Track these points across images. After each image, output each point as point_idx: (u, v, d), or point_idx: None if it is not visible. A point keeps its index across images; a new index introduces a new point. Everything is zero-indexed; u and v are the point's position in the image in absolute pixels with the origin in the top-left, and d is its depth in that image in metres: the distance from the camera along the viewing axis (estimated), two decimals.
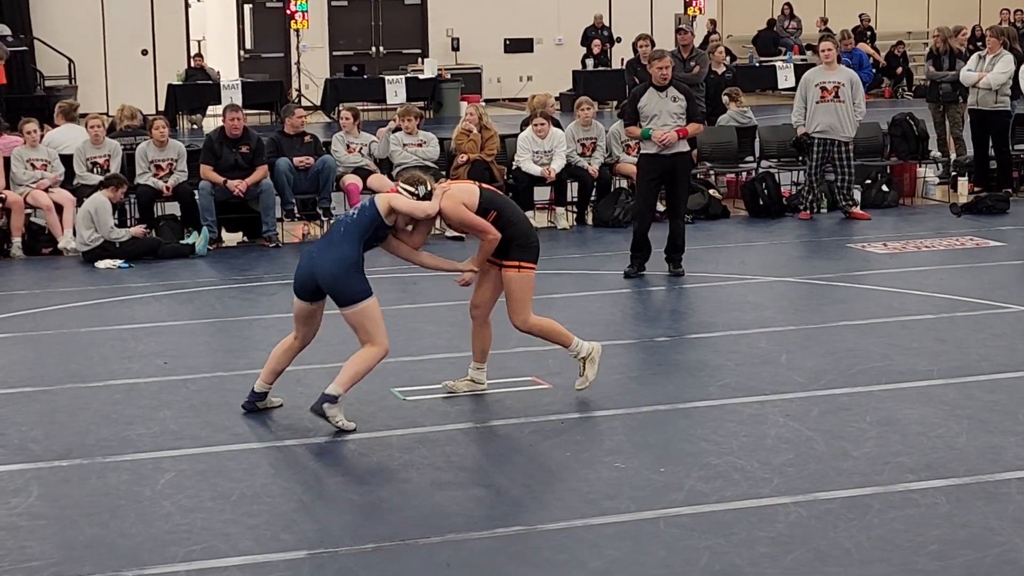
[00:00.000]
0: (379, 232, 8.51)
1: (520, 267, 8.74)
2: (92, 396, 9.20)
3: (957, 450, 7.77)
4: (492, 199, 8.78)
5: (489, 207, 8.68)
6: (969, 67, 17.38)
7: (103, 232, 13.96)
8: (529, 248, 8.77)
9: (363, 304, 8.32)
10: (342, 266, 8.30)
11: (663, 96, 12.83)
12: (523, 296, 8.76)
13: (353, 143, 15.83)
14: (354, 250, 8.35)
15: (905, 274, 12.82)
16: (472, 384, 9.09)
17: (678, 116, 12.77)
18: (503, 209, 8.77)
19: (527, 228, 8.90)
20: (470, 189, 8.80)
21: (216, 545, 6.55)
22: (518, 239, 8.73)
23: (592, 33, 33.18)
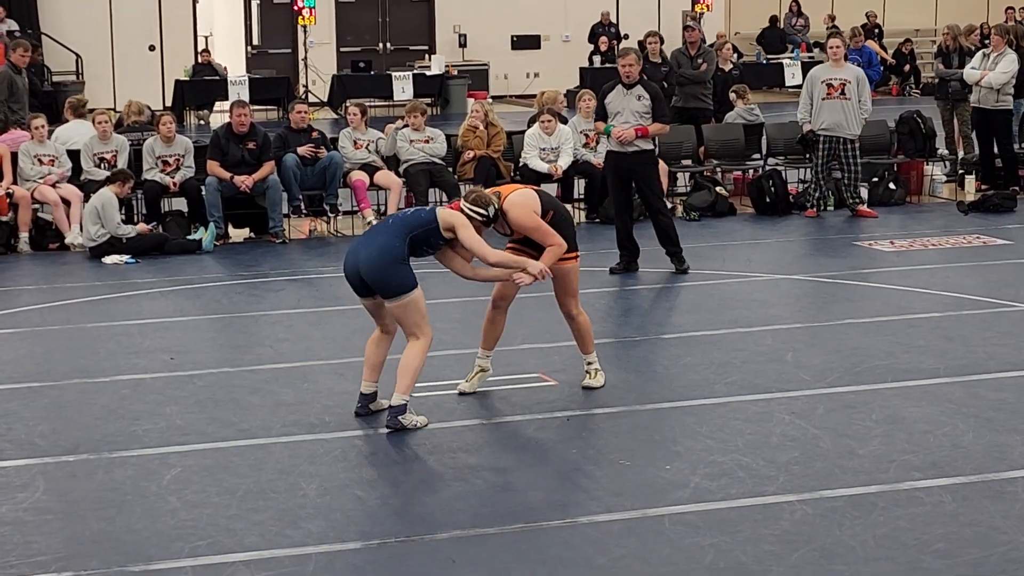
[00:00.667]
0: (431, 238, 8.29)
1: (568, 258, 8.79)
2: (99, 391, 9.21)
3: (963, 448, 7.77)
4: (549, 199, 8.92)
5: (548, 207, 8.78)
6: (973, 65, 17.37)
7: (110, 228, 13.97)
8: (573, 239, 8.88)
9: (410, 296, 8.18)
10: (384, 256, 8.13)
11: (628, 94, 12.80)
12: (575, 283, 8.94)
13: (360, 139, 15.83)
14: (399, 242, 8.16)
15: (912, 272, 12.81)
16: (483, 374, 9.07)
17: (641, 115, 12.72)
18: (558, 209, 8.94)
19: (571, 221, 9.16)
20: (531, 194, 8.80)
21: (222, 541, 6.56)
22: (564, 232, 8.79)
23: (599, 30, 33.16)
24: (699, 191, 16.56)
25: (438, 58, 31.31)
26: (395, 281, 8.15)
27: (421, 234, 8.25)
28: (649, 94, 12.87)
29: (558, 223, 8.76)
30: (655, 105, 12.86)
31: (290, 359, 9.99)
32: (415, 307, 8.21)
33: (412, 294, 8.19)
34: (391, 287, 8.16)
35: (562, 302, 9.00)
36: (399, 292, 8.16)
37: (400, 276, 8.15)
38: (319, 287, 12.79)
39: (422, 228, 8.25)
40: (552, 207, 8.84)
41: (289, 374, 9.56)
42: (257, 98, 28.03)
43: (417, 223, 8.28)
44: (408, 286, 8.16)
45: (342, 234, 15.49)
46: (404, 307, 8.20)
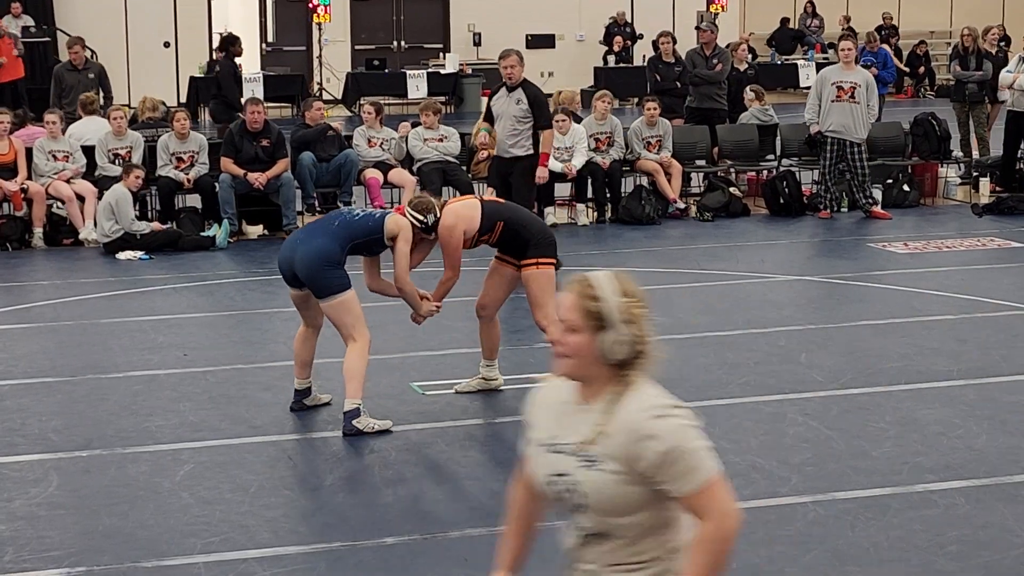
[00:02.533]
0: (373, 247, 8.45)
1: (538, 264, 8.67)
2: (112, 387, 9.23)
3: (977, 451, 7.75)
4: (496, 209, 8.77)
5: (495, 218, 8.63)
6: (1009, 68, 17.34)
7: (124, 224, 13.99)
8: (545, 244, 8.71)
9: (341, 297, 8.23)
10: (319, 258, 8.20)
11: (509, 97, 12.56)
12: (542, 293, 8.66)
13: (374, 137, 15.83)
14: (338, 248, 8.26)
15: (926, 274, 12.79)
16: (484, 382, 9.04)
17: (519, 119, 12.49)
18: (510, 216, 8.73)
19: (540, 226, 8.90)
20: (468, 207, 8.71)
21: (234, 537, 6.57)
22: (533, 237, 8.67)
23: (614, 30, 33.14)
24: (713, 191, 16.54)
25: (452, 56, 31.30)
26: (327, 283, 8.22)
27: (363, 243, 8.40)
28: (528, 98, 12.52)
29: (515, 231, 8.62)
30: (534, 110, 12.50)
31: None
32: (346, 308, 8.26)
33: (343, 295, 8.24)
34: (323, 288, 8.24)
35: (533, 314, 8.82)
36: (330, 293, 8.22)
37: (332, 278, 8.22)
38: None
39: (365, 237, 8.37)
40: (503, 218, 8.65)
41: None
42: (271, 95, 28.04)
43: (362, 232, 8.37)
44: (340, 287, 8.23)
45: None
46: (336, 308, 8.26)
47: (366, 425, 8.21)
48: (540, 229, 8.83)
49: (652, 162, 16.28)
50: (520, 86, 12.59)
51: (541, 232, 8.78)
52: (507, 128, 12.58)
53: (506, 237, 8.67)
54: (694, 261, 13.54)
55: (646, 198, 15.91)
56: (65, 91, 17.80)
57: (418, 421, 8.42)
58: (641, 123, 16.49)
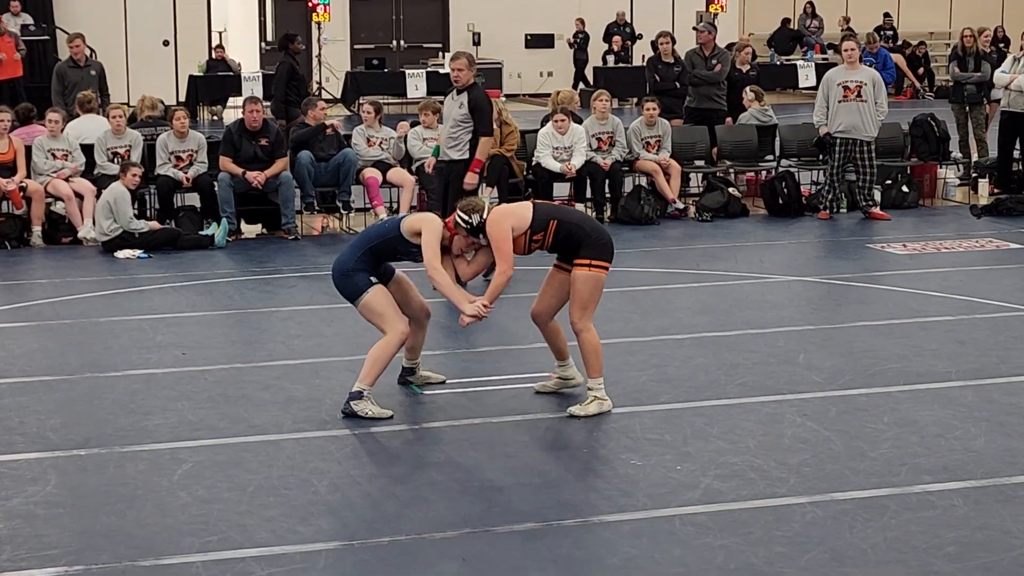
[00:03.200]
0: (398, 247, 8.53)
1: (591, 265, 8.44)
2: (110, 386, 9.22)
3: (975, 452, 7.75)
4: (547, 209, 8.66)
5: (547, 217, 8.47)
6: (1003, 68, 17.35)
7: (122, 223, 13.99)
8: (601, 246, 8.48)
9: (364, 299, 8.52)
10: (337, 269, 8.66)
11: (454, 99, 12.44)
12: (589, 294, 8.47)
13: (374, 137, 15.83)
14: (352, 255, 8.57)
15: (924, 275, 12.79)
16: (561, 382, 8.96)
17: (460, 122, 12.37)
18: (563, 215, 8.60)
19: (596, 226, 8.70)
20: (517, 208, 8.57)
21: (232, 536, 6.57)
22: (589, 238, 8.45)
23: (614, 29, 33.16)
24: (712, 192, 16.55)
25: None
26: (347, 290, 8.62)
27: (380, 244, 8.58)
28: (470, 103, 12.37)
29: (569, 230, 8.44)
30: (474, 115, 12.36)
31: (302, 355, 10.00)
32: (370, 308, 8.54)
33: (364, 297, 8.52)
34: (348, 295, 8.64)
35: (570, 311, 8.61)
36: (355, 297, 8.58)
37: (349, 285, 8.58)
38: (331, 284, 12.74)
39: (381, 239, 8.58)
40: (555, 216, 8.51)
41: (301, 370, 9.56)
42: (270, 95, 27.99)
43: (377, 234, 8.64)
44: (359, 291, 8.53)
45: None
46: (363, 310, 8.61)
47: (362, 410, 8.38)
48: (596, 228, 8.61)
49: (651, 162, 16.28)
50: (466, 90, 12.43)
51: (597, 232, 8.55)
52: (447, 131, 12.50)
53: (560, 236, 8.45)
54: (693, 261, 13.54)
55: (645, 198, 15.91)
56: (68, 88, 17.77)
57: (416, 421, 8.42)
58: (640, 123, 16.50)
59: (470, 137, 12.45)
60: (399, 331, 8.49)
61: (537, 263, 9.67)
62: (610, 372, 9.32)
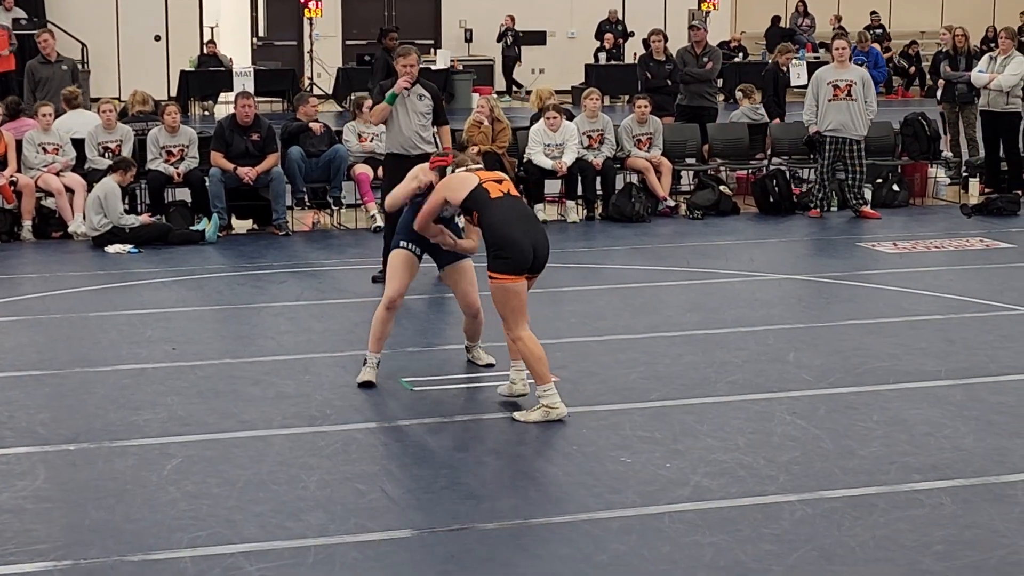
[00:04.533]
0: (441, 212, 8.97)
1: (491, 276, 8.30)
2: (100, 381, 9.22)
3: (964, 451, 7.77)
4: (479, 198, 8.38)
5: (473, 207, 8.40)
6: (980, 68, 17.36)
7: (112, 218, 13.97)
8: (498, 258, 8.26)
9: (391, 253, 9.23)
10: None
11: (410, 94, 12.35)
12: (500, 307, 8.33)
13: (364, 133, 15.83)
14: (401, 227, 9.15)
15: (914, 274, 12.81)
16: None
17: (424, 115, 12.36)
18: (485, 210, 8.35)
19: (503, 235, 8.28)
20: (469, 181, 8.50)
21: (221, 532, 6.56)
22: (490, 248, 8.32)
23: (606, 27, 33.16)
24: (703, 190, 16.55)
25: (444, 53, 31.26)
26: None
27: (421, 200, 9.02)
28: (430, 94, 12.44)
29: (483, 228, 8.36)
30: (436, 105, 12.45)
31: (292, 351, 10.00)
32: (391, 262, 9.20)
33: (392, 253, 9.20)
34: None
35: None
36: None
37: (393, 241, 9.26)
38: (322, 279, 12.79)
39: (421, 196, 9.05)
40: (478, 207, 8.37)
41: (291, 366, 9.56)
42: (262, 90, 27.97)
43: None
44: (392, 247, 9.25)
45: (345, 227, 15.49)
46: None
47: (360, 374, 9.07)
48: (499, 237, 8.28)
49: (642, 160, 16.29)
50: (417, 82, 12.39)
51: (497, 242, 8.28)
52: (415, 126, 12.29)
53: (481, 228, 8.43)
54: (683, 259, 13.55)
55: (636, 196, 15.92)
56: (39, 84, 17.51)
57: (406, 417, 8.42)
58: (631, 121, 16.50)
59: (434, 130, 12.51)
60: (387, 294, 9.04)
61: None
62: (600, 369, 9.34)
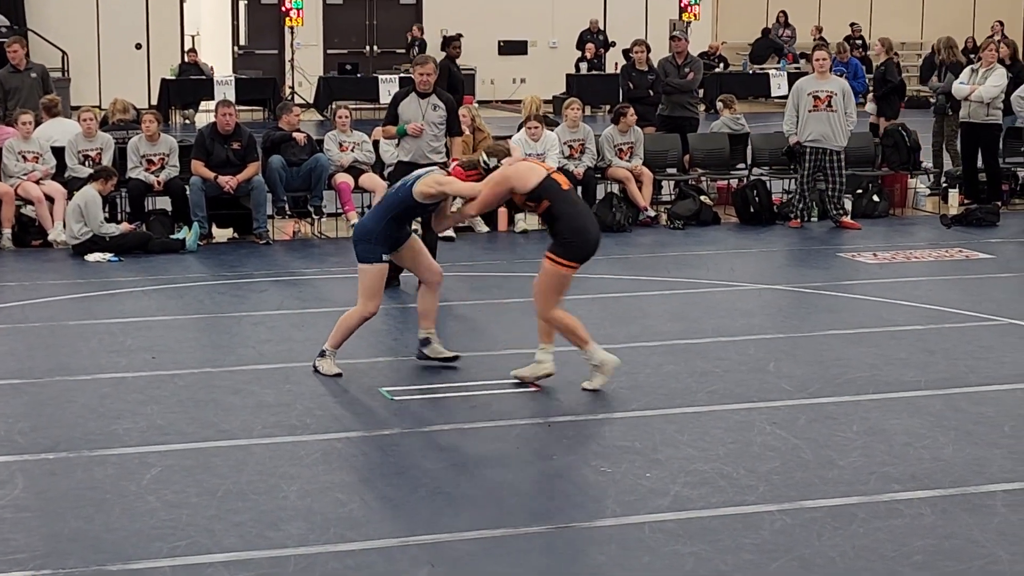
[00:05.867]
0: (416, 209, 9.35)
1: (553, 259, 8.96)
2: (80, 389, 9.19)
3: (943, 461, 7.78)
4: (551, 189, 8.93)
5: (544, 194, 8.92)
6: (961, 80, 17.41)
7: (93, 226, 13.94)
8: (568, 246, 8.92)
9: (367, 267, 9.32)
10: (362, 233, 9.38)
11: (423, 103, 12.45)
12: (547, 286, 9.02)
13: (346, 142, 15.82)
14: (374, 224, 9.33)
15: (894, 284, 12.84)
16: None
17: (437, 125, 12.44)
18: (559, 201, 8.93)
19: (577, 227, 8.95)
20: (536, 170, 9.04)
21: (201, 541, 6.55)
22: (561, 235, 8.95)
23: (587, 37, 33.21)
24: (684, 200, 16.58)
25: None
26: (361, 253, 9.37)
27: (403, 212, 9.33)
28: (444, 104, 12.51)
29: (553, 218, 8.93)
30: (450, 116, 12.53)
31: (272, 360, 9.98)
32: (365, 276, 9.37)
33: (367, 266, 9.35)
34: (358, 255, 9.39)
35: (535, 300, 9.20)
36: (361, 261, 9.38)
37: (367, 251, 9.34)
38: (302, 288, 12.77)
39: (401, 206, 9.30)
40: (550, 196, 8.92)
41: (271, 375, 9.55)
42: (243, 98, 28.00)
43: (395, 203, 9.33)
44: (366, 259, 9.35)
45: (326, 236, 15.48)
46: (360, 272, 9.41)
47: (320, 366, 9.46)
48: (574, 230, 8.95)
49: (623, 170, 16.31)
50: (433, 92, 12.51)
51: (572, 233, 8.94)
52: (426, 135, 12.43)
53: (546, 217, 9.03)
54: (664, 269, 13.56)
55: (617, 205, 15.94)
56: (10, 94, 17.29)
57: (386, 427, 8.41)
58: (613, 130, 16.52)
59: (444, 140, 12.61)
60: (368, 310, 9.37)
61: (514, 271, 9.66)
62: (580, 379, 9.33)
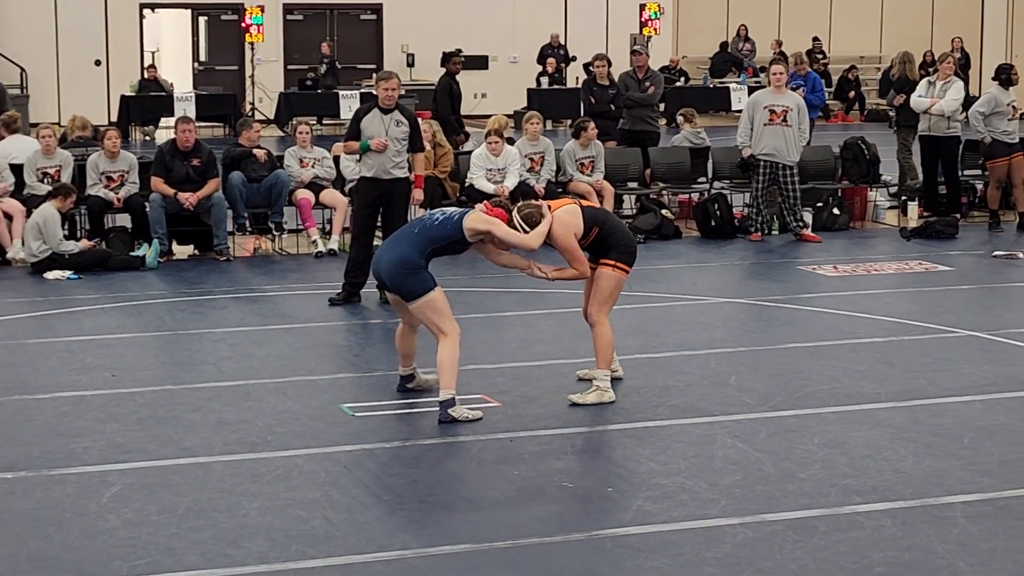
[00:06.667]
0: (457, 245, 9.05)
1: (616, 267, 9.30)
2: (39, 408, 9.14)
3: (903, 473, 7.82)
4: (593, 215, 9.36)
5: (592, 224, 9.25)
6: (919, 93, 17.51)
7: (52, 244, 13.87)
8: (627, 253, 9.37)
9: (426, 297, 8.84)
10: (401, 266, 8.86)
11: (386, 119, 12.49)
12: (610, 292, 9.34)
13: (306, 158, 15.80)
14: (417, 254, 8.87)
15: (854, 297, 12.89)
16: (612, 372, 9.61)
17: (400, 140, 12.48)
18: (604, 222, 9.38)
19: (627, 234, 9.56)
20: (574, 211, 9.29)
21: (161, 560, 6.52)
22: (619, 245, 9.32)
23: (548, 51, 33.27)
24: (645, 213, 16.61)
25: None
26: (412, 287, 8.86)
27: (445, 245, 8.99)
28: (408, 120, 12.59)
29: (606, 234, 9.28)
30: (412, 132, 12.60)
31: (233, 377, 9.95)
32: (432, 307, 8.87)
33: (428, 296, 8.84)
34: (409, 292, 8.88)
35: (589, 304, 9.42)
36: (416, 296, 8.85)
37: (416, 282, 8.85)
38: (263, 305, 12.74)
39: (446, 240, 8.95)
40: (599, 222, 9.31)
41: (232, 392, 9.51)
42: (203, 115, 27.94)
43: (441, 236, 8.93)
44: (424, 290, 8.84)
45: (287, 252, 15.45)
46: (421, 308, 8.88)
47: (460, 414, 8.75)
48: (625, 236, 9.50)
49: (585, 184, 16.33)
50: (396, 108, 12.56)
51: (626, 241, 9.42)
52: (390, 150, 12.49)
53: (597, 240, 9.30)
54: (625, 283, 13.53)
55: None
56: None
57: (347, 443, 8.39)
58: (574, 144, 16.54)
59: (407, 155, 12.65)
60: (457, 330, 8.91)
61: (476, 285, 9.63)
62: (542, 394, 9.35)
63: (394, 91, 12.44)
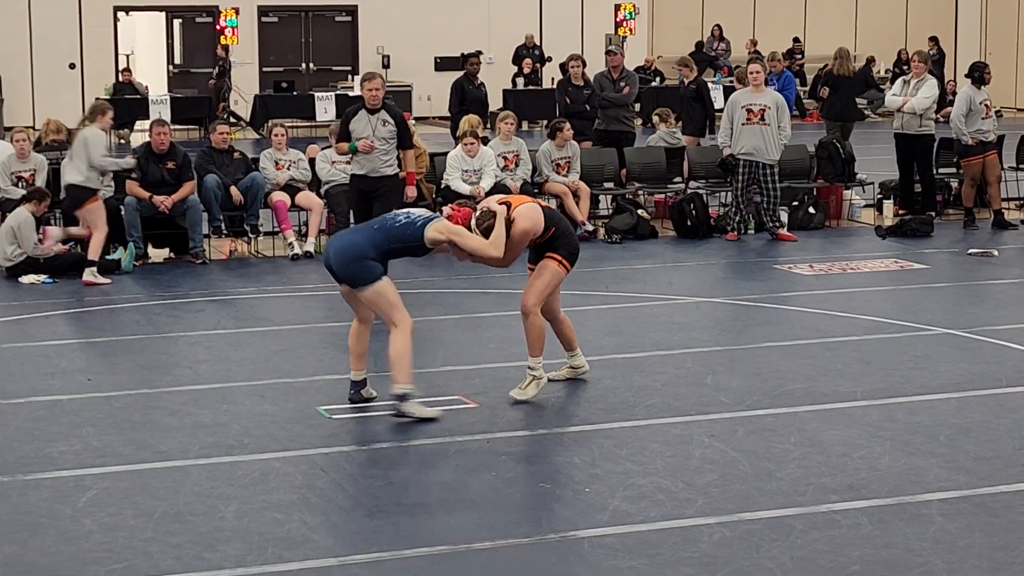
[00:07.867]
0: (415, 252, 9.02)
1: (561, 262, 9.38)
2: (14, 412, 9.10)
3: (879, 471, 7.83)
4: (551, 216, 9.50)
5: (551, 223, 9.36)
6: (894, 91, 17.57)
7: (26, 248, 13.83)
8: (573, 254, 9.49)
9: (375, 286, 8.75)
10: (350, 252, 8.79)
11: (373, 118, 12.79)
12: (550, 283, 9.40)
13: (282, 160, 15.77)
14: (368, 247, 8.77)
15: (830, 296, 12.92)
16: (572, 371, 9.79)
17: (387, 140, 12.75)
18: (559, 223, 9.52)
19: (575, 238, 9.65)
20: (537, 208, 9.37)
21: (137, 564, 6.50)
22: (568, 245, 9.45)
23: (523, 52, 33.28)
24: (621, 214, 16.62)
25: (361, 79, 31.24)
26: (361, 274, 8.76)
27: (401, 248, 8.90)
28: (394, 119, 12.85)
29: (558, 236, 9.37)
30: (400, 130, 12.86)
31: (209, 380, 9.93)
32: (383, 296, 8.79)
33: (376, 284, 8.74)
34: (358, 279, 8.78)
35: (526, 294, 9.41)
36: (365, 283, 8.75)
37: (364, 269, 8.75)
38: (239, 308, 12.71)
39: (403, 243, 8.86)
40: (555, 223, 9.42)
41: (208, 396, 9.49)
42: (178, 118, 27.88)
43: (400, 238, 8.84)
44: (373, 277, 8.74)
45: (263, 255, 15.41)
46: (371, 296, 8.79)
47: (413, 411, 8.75)
48: (574, 239, 9.61)
49: (560, 184, 16.34)
50: (383, 108, 12.83)
51: (574, 243, 9.56)
52: (379, 149, 12.65)
53: (549, 239, 9.37)
54: (602, 283, 13.58)
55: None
56: None
57: (324, 445, 8.38)
58: (550, 145, 16.55)
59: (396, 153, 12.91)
60: (409, 321, 8.86)
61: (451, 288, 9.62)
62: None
63: (378, 91, 12.70)
